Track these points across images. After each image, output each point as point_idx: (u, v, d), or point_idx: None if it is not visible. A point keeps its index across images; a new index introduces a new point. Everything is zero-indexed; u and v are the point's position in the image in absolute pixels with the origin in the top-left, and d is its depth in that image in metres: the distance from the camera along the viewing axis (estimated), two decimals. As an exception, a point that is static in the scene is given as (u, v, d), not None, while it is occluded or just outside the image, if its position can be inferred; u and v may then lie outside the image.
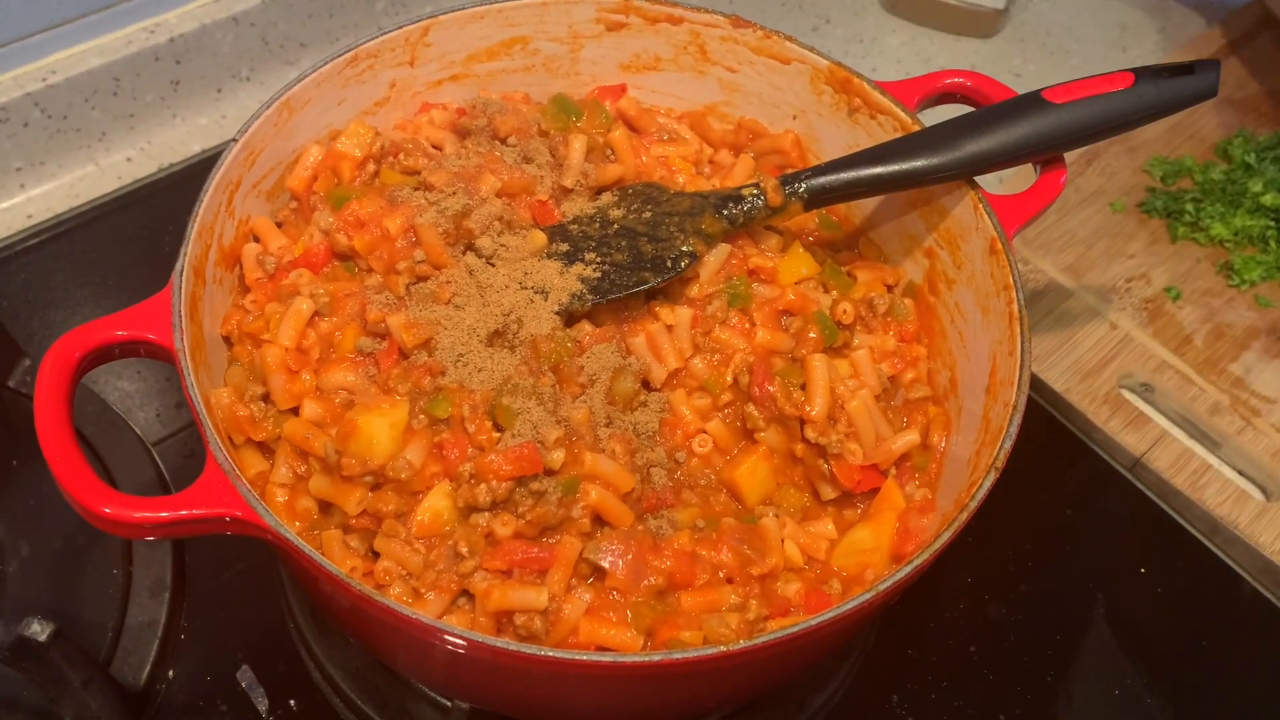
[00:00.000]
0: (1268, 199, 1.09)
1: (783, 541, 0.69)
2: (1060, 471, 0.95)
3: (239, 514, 0.58)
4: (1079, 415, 0.97)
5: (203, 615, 0.81)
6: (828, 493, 0.73)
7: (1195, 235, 1.09)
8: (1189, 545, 0.91)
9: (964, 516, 0.61)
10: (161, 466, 0.90)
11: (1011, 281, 0.71)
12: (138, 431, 0.92)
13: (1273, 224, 1.08)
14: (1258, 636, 0.87)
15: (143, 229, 1.04)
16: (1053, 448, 0.96)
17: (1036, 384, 0.98)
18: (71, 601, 0.80)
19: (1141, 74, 0.73)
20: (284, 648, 0.81)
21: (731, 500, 0.72)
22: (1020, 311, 0.69)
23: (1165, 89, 0.73)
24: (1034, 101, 0.73)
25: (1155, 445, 0.95)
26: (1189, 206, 1.10)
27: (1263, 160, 1.12)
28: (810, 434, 0.70)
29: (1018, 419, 0.65)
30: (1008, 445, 0.64)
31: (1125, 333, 1.02)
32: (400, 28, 0.80)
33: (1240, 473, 0.96)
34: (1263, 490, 0.95)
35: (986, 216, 0.74)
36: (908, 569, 0.59)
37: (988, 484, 0.62)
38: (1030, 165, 0.77)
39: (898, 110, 0.79)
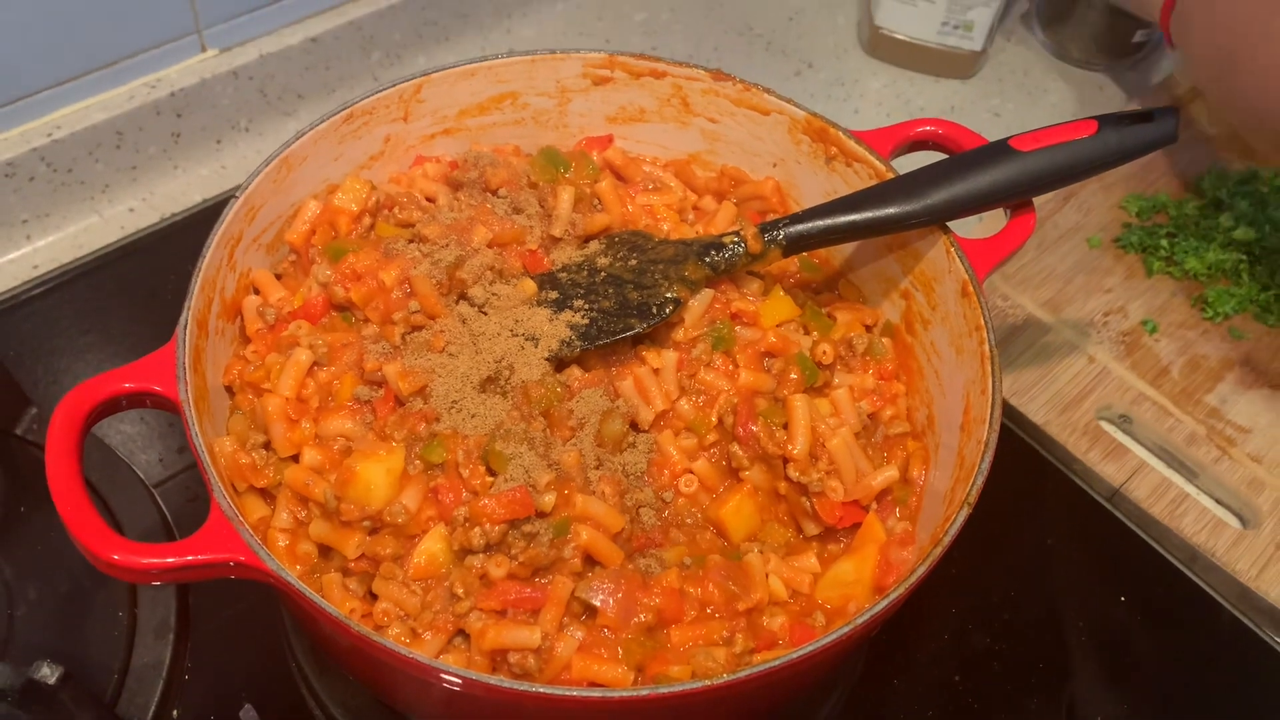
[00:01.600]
0: (1239, 233, 1.12)
1: (767, 576, 0.71)
2: (1042, 502, 0.97)
3: (243, 559, 0.61)
4: (1059, 447, 0.99)
5: (206, 656, 0.83)
6: (811, 529, 0.75)
7: (1170, 269, 1.12)
8: (1168, 573, 0.93)
9: (938, 551, 0.63)
10: (164, 509, 0.92)
11: (983, 322, 0.73)
12: (140, 474, 0.94)
13: (1244, 258, 1.12)
14: (1237, 662, 0.90)
15: (145, 277, 1.07)
16: (1034, 479, 0.98)
17: (1017, 417, 1.01)
18: (78, 644, 0.83)
19: (1104, 121, 0.76)
20: (286, 687, 0.83)
21: (718, 538, 0.75)
22: (991, 351, 0.72)
23: (1127, 136, 0.76)
24: (1002, 150, 0.77)
25: (1134, 475, 0.97)
26: (1164, 241, 1.13)
27: (1234, 195, 1.15)
28: (793, 473, 0.73)
29: (989, 456, 0.67)
30: (980, 482, 0.66)
31: (1103, 365, 1.04)
32: (394, 85, 0.84)
33: (1217, 501, 0.98)
34: (1239, 518, 0.97)
35: (958, 260, 0.77)
36: (884, 602, 0.62)
37: (961, 519, 0.65)
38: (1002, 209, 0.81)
39: (872, 158, 0.82)
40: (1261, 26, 0.95)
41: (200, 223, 1.11)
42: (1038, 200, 0.80)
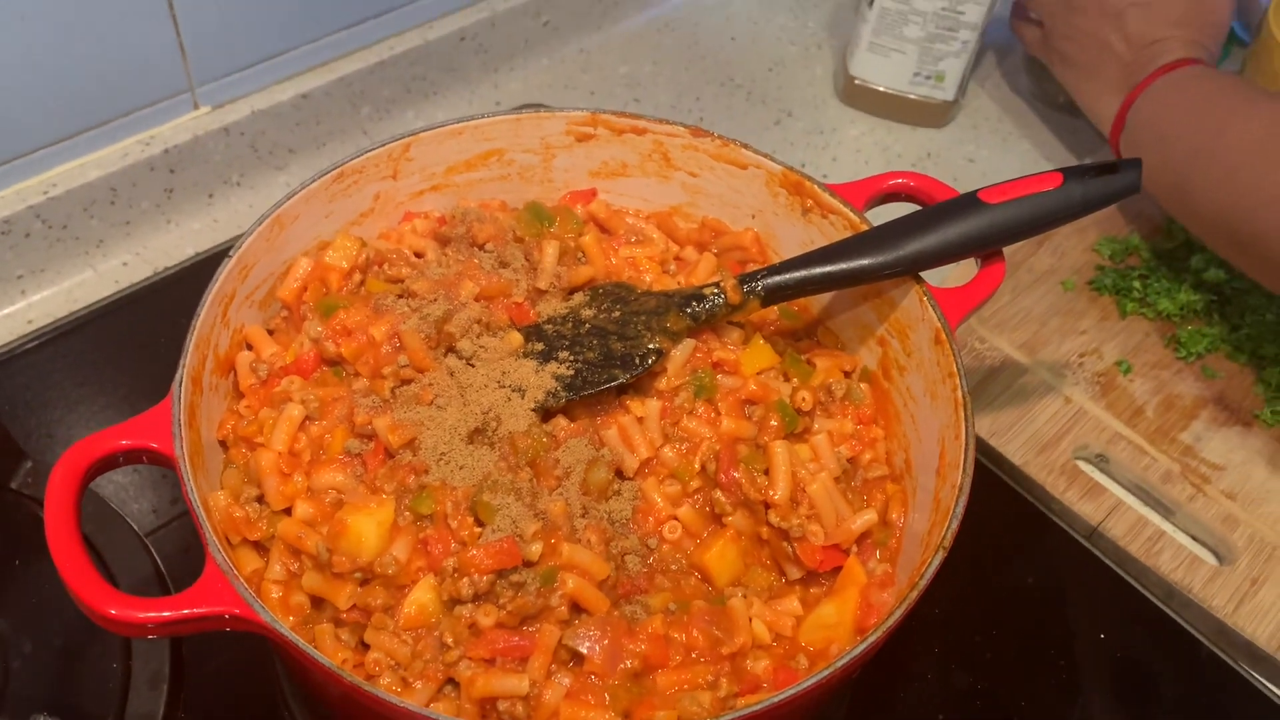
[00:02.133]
0: (1209, 275, 1.15)
1: (750, 621, 0.73)
2: (1021, 541, 0.99)
3: (237, 612, 0.62)
4: (1037, 487, 1.01)
5: (200, 705, 0.84)
6: (794, 573, 0.77)
7: (1143, 310, 1.15)
8: (1146, 610, 0.95)
9: (914, 595, 0.65)
10: (157, 559, 0.93)
11: (955, 369, 0.76)
12: (132, 524, 0.95)
13: (1215, 298, 1.14)
14: (1215, 697, 0.91)
15: (138, 330, 1.08)
16: (1013, 518, 1.00)
17: (996, 457, 1.03)
18: (73, 695, 0.83)
19: (1069, 174, 0.79)
20: (279, 737, 0.84)
21: (702, 583, 0.76)
22: (964, 398, 0.74)
23: (1092, 187, 0.79)
24: (971, 202, 0.79)
25: (1111, 514, 0.99)
26: (1136, 283, 1.16)
27: (1203, 237, 1.18)
28: (774, 518, 0.75)
29: (963, 500, 0.69)
30: (954, 525, 0.68)
31: (1079, 406, 1.07)
32: (384, 144, 0.86)
33: (1193, 538, 1.00)
34: (1215, 554, 0.99)
35: (931, 309, 0.79)
36: (863, 645, 0.63)
37: (936, 563, 0.67)
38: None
39: (847, 210, 0.85)
40: (1205, 147, 1.01)
41: (192, 276, 1.13)
42: (1012, 244, 0.82)
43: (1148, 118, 1.09)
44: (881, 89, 1.32)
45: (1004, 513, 1.00)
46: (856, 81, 1.33)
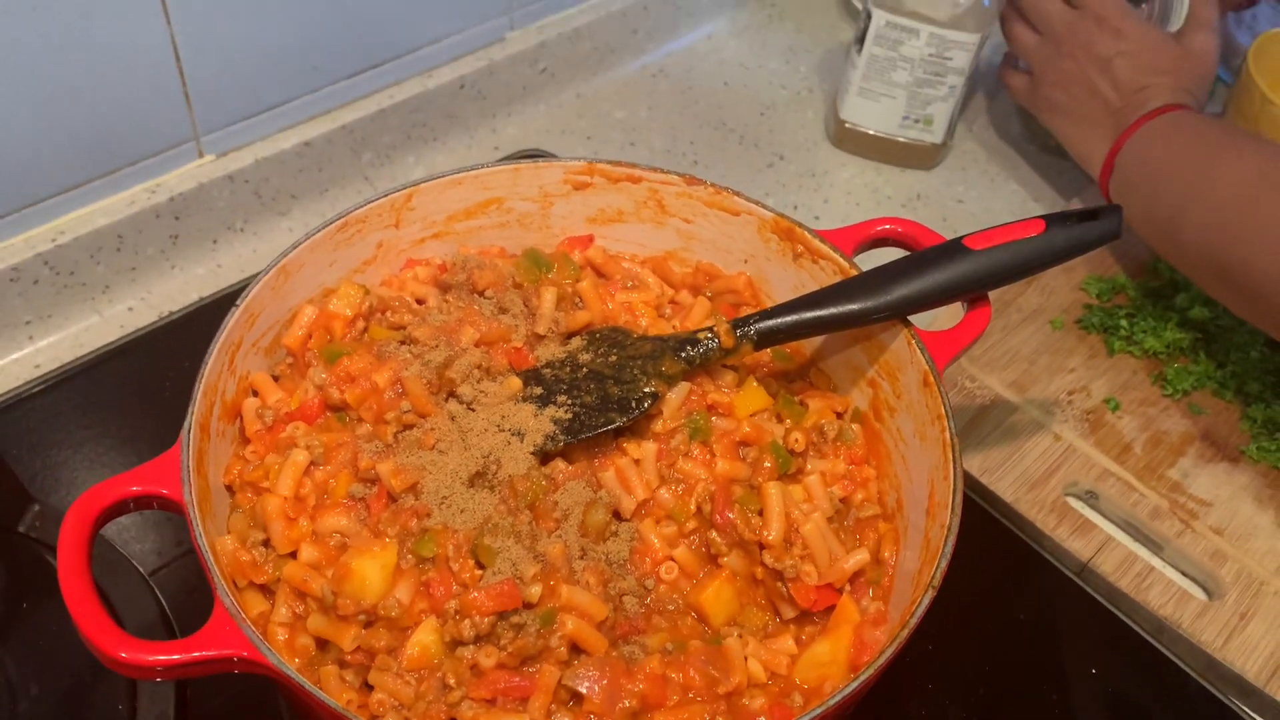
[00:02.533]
0: (1194, 312, 1.17)
1: (746, 660, 0.75)
2: (1012, 578, 1.01)
3: (245, 654, 0.64)
4: (1028, 523, 1.03)
5: (204, 747, 0.86)
6: (788, 612, 0.79)
7: (1130, 349, 1.17)
8: (1137, 645, 0.96)
9: (905, 633, 0.67)
10: (162, 599, 0.94)
11: (943, 412, 0.78)
12: (137, 565, 0.96)
13: (1200, 336, 1.17)
14: (1204, 731, 0.93)
15: (143, 374, 1.10)
16: (1005, 555, 1.02)
17: (987, 494, 1.04)
18: (79, 738, 0.85)
19: (1051, 220, 0.82)
20: (283, 776, 0.85)
21: (699, 623, 0.78)
22: (952, 440, 0.76)
23: (1073, 233, 0.81)
24: (956, 248, 0.82)
25: (1101, 550, 1.01)
26: (1123, 322, 1.18)
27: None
28: (768, 559, 0.76)
29: (952, 540, 0.71)
30: (943, 565, 0.70)
31: (1069, 443, 1.09)
32: (386, 195, 0.89)
33: (1182, 573, 1.02)
34: (1204, 589, 1.01)
35: (919, 352, 0.81)
36: (855, 683, 0.65)
37: (926, 601, 0.68)
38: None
39: (836, 256, 0.87)
40: (1193, 189, 1.04)
41: (197, 320, 1.15)
42: (997, 288, 0.84)
43: (1136, 161, 1.12)
44: (871, 132, 1.35)
45: (996, 550, 1.01)
46: (847, 125, 1.36)
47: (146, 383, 1.09)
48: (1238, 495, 1.06)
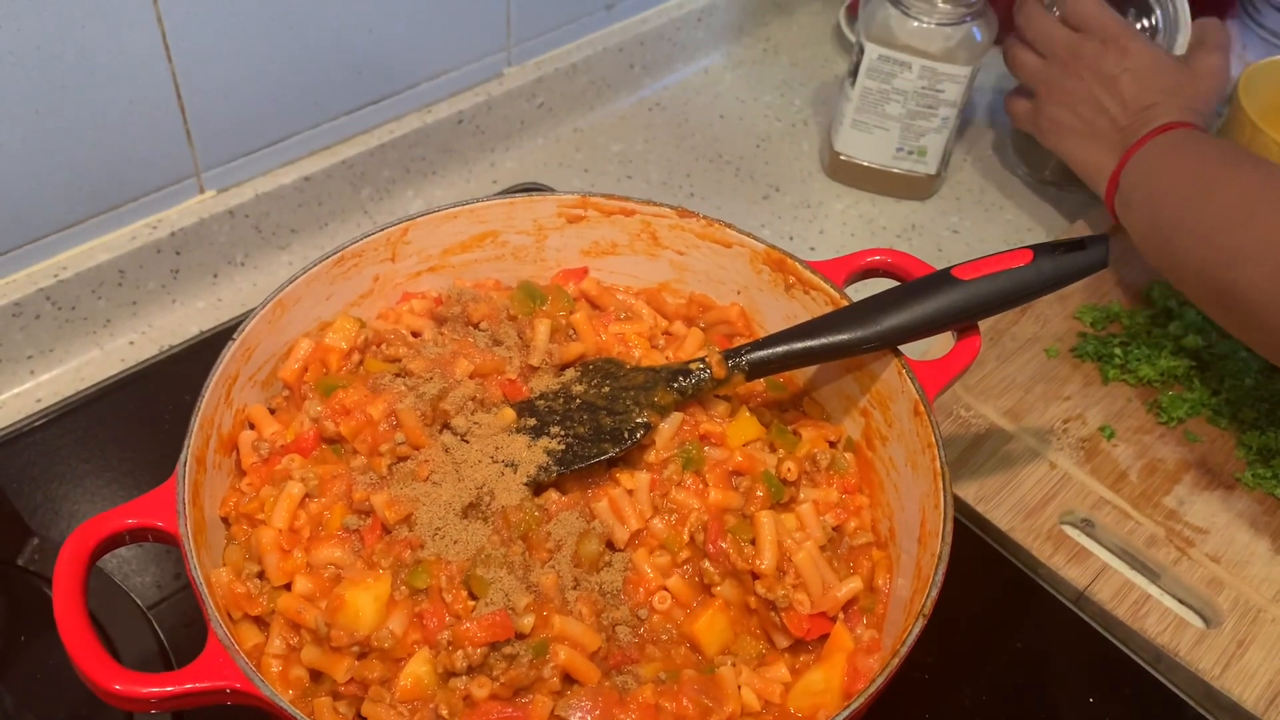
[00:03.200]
0: (1188, 340, 1.18)
1: (740, 689, 0.75)
2: (1009, 606, 1.01)
3: (238, 686, 0.64)
4: (1024, 552, 1.03)
5: (199, 780, 0.85)
6: (782, 641, 0.79)
7: (1125, 377, 1.18)
8: (1134, 673, 0.96)
9: (895, 662, 0.67)
10: (160, 632, 0.94)
11: (934, 440, 0.78)
12: (135, 599, 0.96)
13: (1194, 364, 1.17)
14: (1203, 760, 0.92)
15: (143, 407, 1.11)
16: (1001, 584, 1.02)
17: (982, 523, 1.05)
18: (75, 771, 0.85)
19: (1039, 250, 0.82)
20: (278, 810, 0.84)
21: (692, 652, 0.78)
22: (942, 469, 0.77)
23: (1061, 263, 0.82)
24: (945, 279, 0.83)
25: (1097, 578, 1.01)
26: (1118, 350, 1.19)
27: (1182, 304, 1.21)
28: (760, 590, 0.77)
29: (943, 568, 0.72)
30: (934, 593, 0.70)
31: (1064, 471, 1.09)
32: (383, 229, 0.90)
33: (1179, 601, 1.02)
34: (1201, 617, 1.01)
35: (909, 381, 0.82)
36: (847, 712, 0.65)
37: (917, 630, 0.69)
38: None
39: (827, 287, 0.88)
40: (1192, 205, 1.04)
41: (197, 354, 1.16)
42: (986, 318, 0.85)
43: (1139, 177, 1.12)
44: (866, 164, 1.36)
45: (991, 578, 1.01)
46: (841, 157, 1.37)
47: (147, 415, 1.10)
48: (1234, 522, 1.06)
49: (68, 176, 1.07)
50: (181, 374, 1.12)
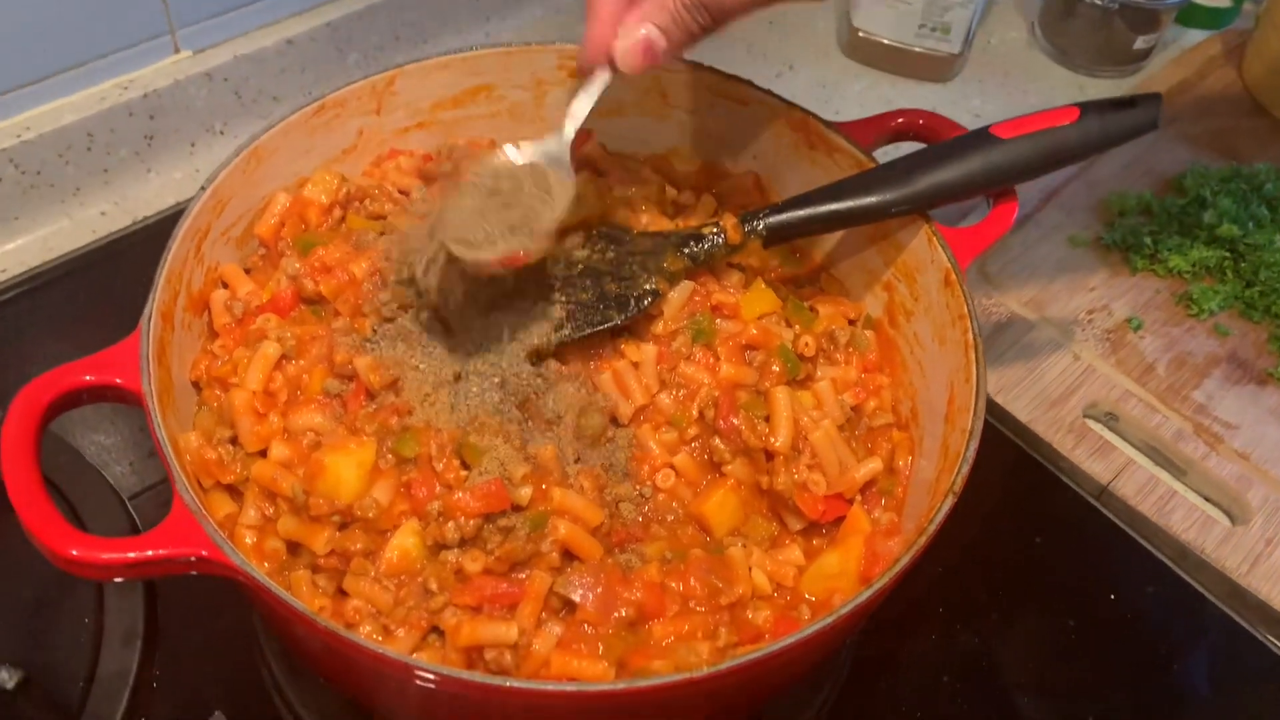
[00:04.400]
0: (1223, 230, 1.11)
1: (750, 570, 0.70)
2: (1028, 500, 0.96)
3: (205, 553, 0.59)
4: (1045, 445, 0.98)
5: (175, 663, 0.81)
6: (795, 523, 0.74)
7: (1154, 267, 1.12)
8: (1157, 571, 0.92)
9: (923, 540, 0.62)
10: (136, 518, 0.90)
11: (966, 311, 0.72)
12: (112, 483, 0.91)
13: (1229, 255, 1.11)
14: (1227, 658, 0.88)
15: (116, 281, 1.04)
16: (1020, 477, 0.97)
17: (1002, 414, 0.99)
18: (42, 650, 0.80)
19: (1086, 108, 0.76)
20: (257, 694, 0.80)
21: (699, 532, 0.73)
22: (975, 339, 0.71)
23: (1109, 122, 0.75)
24: (983, 137, 0.76)
25: (1121, 473, 0.96)
26: (1147, 239, 1.12)
27: (1217, 193, 1.15)
28: (776, 481, 0.71)
29: (975, 443, 0.66)
30: (965, 469, 0.65)
31: (1088, 364, 1.03)
32: (366, 78, 0.82)
33: (1206, 498, 0.97)
34: (1228, 514, 0.96)
35: (941, 249, 0.76)
36: (869, 593, 0.60)
37: (946, 508, 0.63)
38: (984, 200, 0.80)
39: (853, 149, 0.81)
40: None
41: (173, 227, 1.09)
42: (1026, 181, 0.78)
43: None
44: (886, 41, 1.28)
45: (1010, 471, 0.97)
46: (860, 34, 1.29)
47: (119, 290, 1.02)
48: (1265, 418, 1.01)
49: (30, 26, 0.99)
50: (156, 247, 1.04)
